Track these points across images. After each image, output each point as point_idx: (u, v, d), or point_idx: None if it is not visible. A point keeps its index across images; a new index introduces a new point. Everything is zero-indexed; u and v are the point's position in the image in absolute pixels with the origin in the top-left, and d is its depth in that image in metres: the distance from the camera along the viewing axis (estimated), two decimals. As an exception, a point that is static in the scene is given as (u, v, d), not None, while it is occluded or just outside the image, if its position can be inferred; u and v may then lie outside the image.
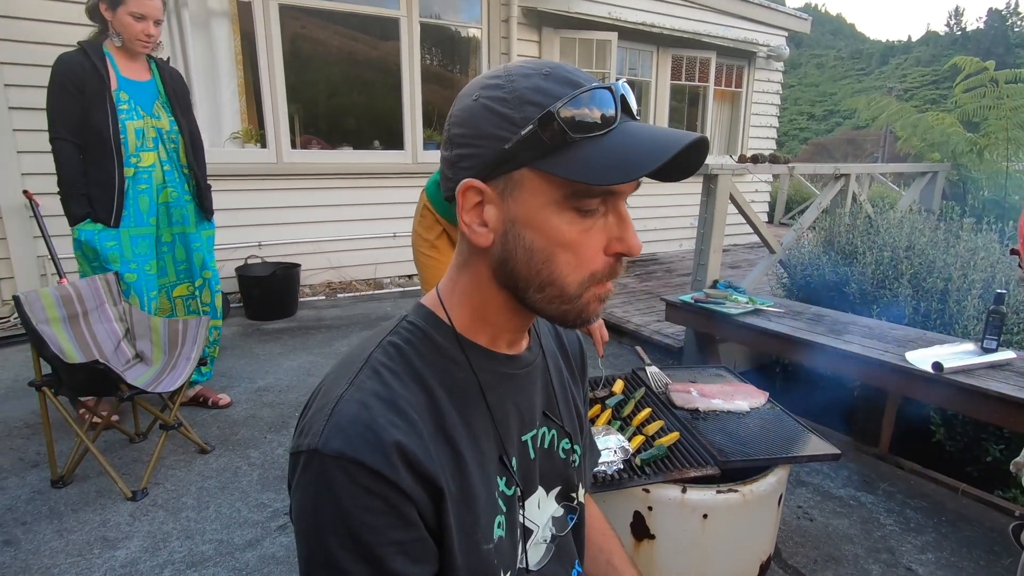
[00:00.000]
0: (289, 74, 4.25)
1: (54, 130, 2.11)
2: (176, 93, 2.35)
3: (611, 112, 0.49)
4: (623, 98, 0.51)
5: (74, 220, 2.18)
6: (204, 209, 2.49)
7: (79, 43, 2.18)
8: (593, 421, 1.52)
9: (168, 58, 2.37)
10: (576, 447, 0.70)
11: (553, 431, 0.66)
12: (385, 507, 0.48)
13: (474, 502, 0.54)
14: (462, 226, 0.53)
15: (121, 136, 2.18)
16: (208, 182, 2.52)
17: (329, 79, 5.08)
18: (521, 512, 0.60)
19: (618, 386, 1.71)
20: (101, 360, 1.89)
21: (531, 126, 0.48)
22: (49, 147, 2.15)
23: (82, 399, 2.25)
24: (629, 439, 1.42)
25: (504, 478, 0.58)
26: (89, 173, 2.16)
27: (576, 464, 0.70)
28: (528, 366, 0.63)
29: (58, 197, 2.18)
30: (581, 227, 0.51)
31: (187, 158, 2.38)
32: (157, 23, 2.17)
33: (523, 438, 0.62)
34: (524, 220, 0.51)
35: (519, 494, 0.60)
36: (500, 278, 0.55)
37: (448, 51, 5.39)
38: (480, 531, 0.54)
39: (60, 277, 2.75)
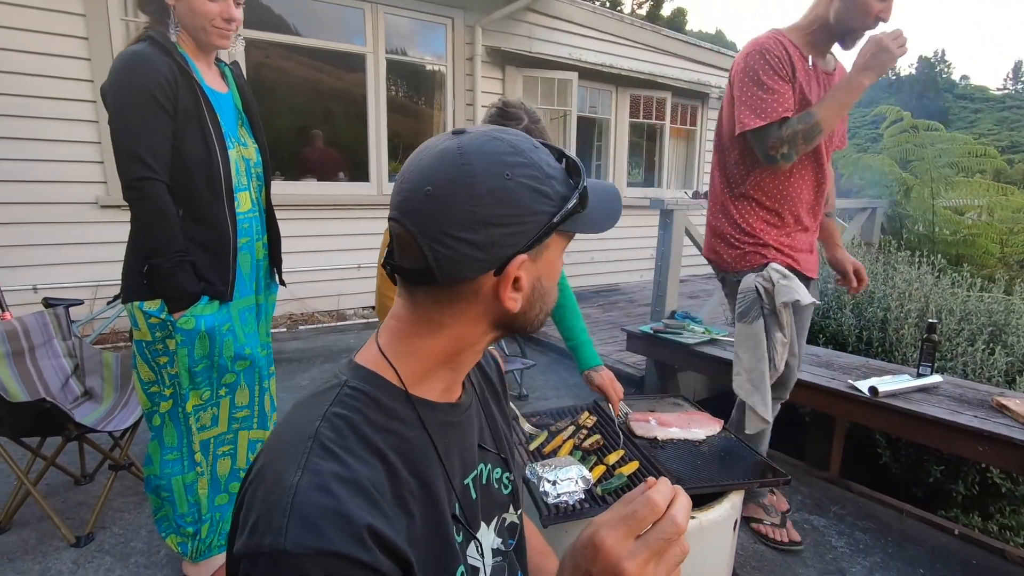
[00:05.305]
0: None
1: (140, 167, 1.35)
2: (251, 108, 1.66)
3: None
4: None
5: (188, 301, 1.43)
6: (276, 263, 1.75)
7: (148, 33, 1.41)
8: (555, 452, 1.55)
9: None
10: (510, 473, 0.73)
11: (490, 464, 0.69)
12: None
13: (437, 559, 0.55)
14: (506, 300, 0.55)
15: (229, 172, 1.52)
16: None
17: (293, 109, 5.09)
18: (468, 555, 0.61)
19: (583, 417, 1.74)
20: (48, 398, 1.82)
21: (575, 200, 0.56)
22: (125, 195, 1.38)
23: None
24: (590, 469, 1.45)
25: (455, 526, 0.60)
26: (186, 228, 1.45)
27: (510, 490, 0.72)
28: (467, 409, 0.65)
29: (136, 271, 1.43)
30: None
31: (269, 197, 1.69)
32: (238, 3, 1.48)
33: (464, 481, 0.63)
34: (546, 273, 0.59)
35: (468, 539, 0.62)
36: (505, 326, 0.60)
37: (414, 84, 5.50)
38: None
39: (3, 311, 2.63)
